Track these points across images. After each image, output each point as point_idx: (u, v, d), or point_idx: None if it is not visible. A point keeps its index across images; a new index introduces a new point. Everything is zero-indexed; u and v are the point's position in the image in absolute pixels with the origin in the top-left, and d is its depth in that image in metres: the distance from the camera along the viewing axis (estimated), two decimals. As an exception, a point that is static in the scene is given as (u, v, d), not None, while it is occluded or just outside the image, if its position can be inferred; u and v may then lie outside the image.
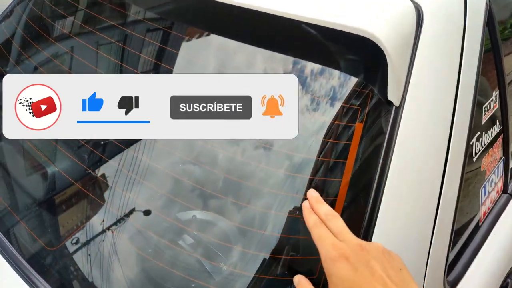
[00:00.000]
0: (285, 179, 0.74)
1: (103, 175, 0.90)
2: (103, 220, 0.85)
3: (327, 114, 0.74)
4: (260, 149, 0.77)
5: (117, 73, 0.97)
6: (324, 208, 0.62)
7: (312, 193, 0.65)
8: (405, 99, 0.70)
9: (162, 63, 0.95)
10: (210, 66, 0.89)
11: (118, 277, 0.80)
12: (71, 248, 0.86)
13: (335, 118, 0.73)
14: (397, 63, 0.68)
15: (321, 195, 0.70)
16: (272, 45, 0.80)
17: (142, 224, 0.82)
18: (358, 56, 0.74)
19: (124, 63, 0.98)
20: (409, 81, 0.70)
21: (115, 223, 0.84)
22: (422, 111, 0.71)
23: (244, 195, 0.77)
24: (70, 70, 1.05)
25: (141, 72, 0.95)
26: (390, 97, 0.70)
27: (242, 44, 0.84)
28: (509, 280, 1.00)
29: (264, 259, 0.72)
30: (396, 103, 0.70)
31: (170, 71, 0.94)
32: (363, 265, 0.52)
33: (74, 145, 0.95)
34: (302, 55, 0.78)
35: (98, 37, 1.05)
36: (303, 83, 0.77)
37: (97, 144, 0.92)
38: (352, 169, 0.71)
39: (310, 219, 0.61)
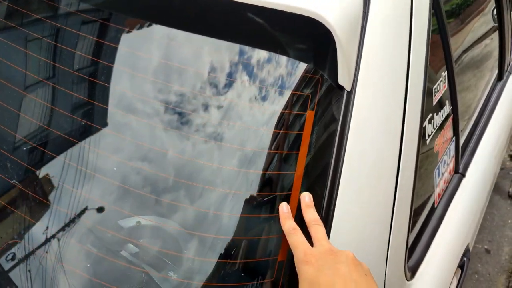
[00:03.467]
0: (237, 175, 0.69)
1: (36, 178, 0.80)
2: (41, 230, 0.75)
3: (276, 103, 0.69)
4: (210, 143, 0.71)
5: (48, 74, 0.86)
6: (311, 213, 0.64)
7: (305, 197, 0.65)
8: (356, 83, 0.67)
9: (100, 59, 0.85)
10: (154, 60, 0.81)
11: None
12: (7, 266, 0.76)
13: (285, 107, 0.69)
14: (346, 45, 0.65)
15: (275, 188, 0.66)
16: (216, 32, 0.74)
17: (86, 230, 0.73)
18: (305, 39, 0.70)
19: (57, 63, 0.87)
20: (359, 64, 0.67)
21: (53, 235, 0.75)
22: (374, 95, 0.68)
23: (193, 194, 0.71)
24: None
25: (77, 71, 0.85)
26: (341, 81, 0.67)
27: (183, 32, 0.77)
28: (465, 258, 1.01)
29: (216, 263, 0.67)
30: (348, 87, 0.67)
31: (110, 67, 0.84)
32: (328, 267, 0.56)
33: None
34: (246, 41, 0.73)
35: (25, 33, 0.94)
36: (250, 71, 0.72)
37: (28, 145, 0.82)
38: (306, 159, 0.66)
39: (285, 225, 0.63)
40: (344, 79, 0.66)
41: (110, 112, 0.76)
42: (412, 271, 0.82)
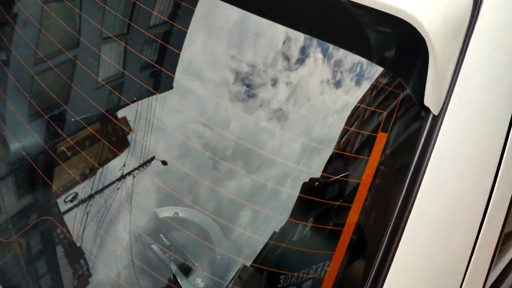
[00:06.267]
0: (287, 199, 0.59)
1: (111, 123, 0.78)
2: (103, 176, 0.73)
3: (341, 116, 0.57)
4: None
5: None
6: None
7: None
8: (446, 106, 0.54)
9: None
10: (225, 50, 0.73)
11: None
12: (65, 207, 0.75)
13: (352, 123, 0.57)
14: (441, 56, 0.52)
15: (326, 220, 0.55)
16: (287, 21, 0.64)
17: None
18: (390, 43, 0.58)
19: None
20: (454, 83, 0.54)
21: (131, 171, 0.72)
22: (469, 126, 0.55)
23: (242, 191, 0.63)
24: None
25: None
26: (427, 101, 0.54)
27: (262, 20, 0.67)
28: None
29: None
30: (435, 110, 0.54)
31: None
32: None
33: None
34: (315, 33, 0.62)
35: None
36: (315, 71, 0.61)
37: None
38: (368, 191, 0.55)
39: None
40: (432, 100, 0.54)
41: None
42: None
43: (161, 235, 0.68)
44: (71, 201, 0.73)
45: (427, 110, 0.54)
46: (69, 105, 0.81)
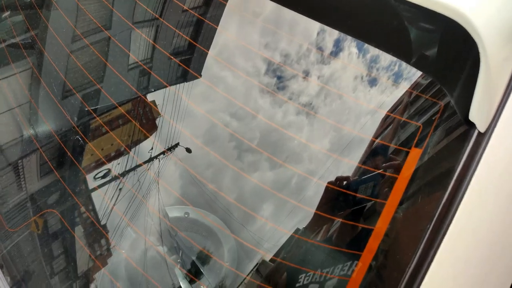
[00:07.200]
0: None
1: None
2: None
3: (369, 128, 0.50)
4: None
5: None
6: None
7: None
8: (495, 123, 0.47)
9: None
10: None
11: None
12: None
13: (380, 135, 0.49)
14: (495, 64, 0.44)
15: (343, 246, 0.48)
16: (322, 18, 0.57)
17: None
18: (433, 45, 0.49)
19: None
20: (508, 96, 0.46)
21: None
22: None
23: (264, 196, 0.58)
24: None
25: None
26: (473, 116, 0.47)
27: (297, 15, 0.61)
28: None
29: None
30: (481, 127, 0.47)
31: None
32: None
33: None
34: (350, 30, 0.55)
35: None
36: (345, 71, 0.54)
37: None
38: (393, 214, 0.47)
39: None
40: (478, 114, 0.46)
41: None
42: None
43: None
44: (102, 177, 0.71)
45: (472, 125, 0.47)
46: (101, 85, 0.79)
